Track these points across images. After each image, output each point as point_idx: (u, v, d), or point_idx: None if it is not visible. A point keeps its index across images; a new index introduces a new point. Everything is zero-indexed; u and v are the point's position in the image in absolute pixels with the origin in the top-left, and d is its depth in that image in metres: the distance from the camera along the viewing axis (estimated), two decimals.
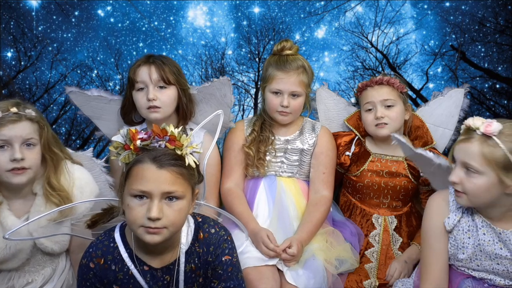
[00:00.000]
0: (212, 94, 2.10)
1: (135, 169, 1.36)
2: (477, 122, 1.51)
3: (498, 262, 1.59)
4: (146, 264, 1.46)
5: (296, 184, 2.14)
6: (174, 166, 1.35)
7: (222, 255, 1.50)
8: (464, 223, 1.61)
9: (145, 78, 2.00)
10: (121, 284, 1.46)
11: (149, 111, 2.01)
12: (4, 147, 1.61)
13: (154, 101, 1.99)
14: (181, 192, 1.37)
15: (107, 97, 2.17)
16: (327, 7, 8.07)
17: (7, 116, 1.60)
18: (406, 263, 2.03)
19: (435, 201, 1.68)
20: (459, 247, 1.62)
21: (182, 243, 1.47)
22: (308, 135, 2.14)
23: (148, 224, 1.33)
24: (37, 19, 7.69)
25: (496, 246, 1.58)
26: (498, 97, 8.11)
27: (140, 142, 1.37)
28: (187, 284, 1.49)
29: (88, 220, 1.57)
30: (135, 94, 2.04)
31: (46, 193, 1.69)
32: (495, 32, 7.83)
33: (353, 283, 2.00)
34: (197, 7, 8.62)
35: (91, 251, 1.46)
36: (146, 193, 1.34)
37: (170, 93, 2.03)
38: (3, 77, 7.45)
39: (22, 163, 1.62)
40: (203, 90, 2.10)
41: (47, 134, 1.70)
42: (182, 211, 1.38)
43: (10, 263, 1.71)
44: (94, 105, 2.18)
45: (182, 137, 1.40)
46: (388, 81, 2.12)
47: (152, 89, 1.99)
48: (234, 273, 1.51)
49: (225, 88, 2.08)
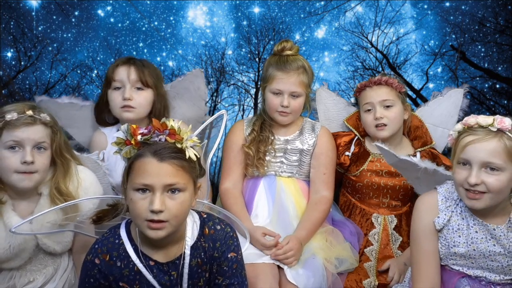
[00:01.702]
0: (186, 88, 2.08)
1: (136, 164, 1.38)
2: (487, 119, 1.49)
3: (492, 259, 1.59)
4: (152, 259, 1.47)
5: (296, 184, 2.14)
6: (174, 159, 1.37)
7: (228, 251, 1.51)
8: (454, 222, 1.61)
9: (123, 77, 2.01)
10: (127, 280, 1.47)
11: (122, 110, 2.01)
12: (15, 148, 1.62)
13: (129, 101, 1.99)
14: (183, 184, 1.39)
15: (78, 104, 2.16)
16: (327, 7, 8.07)
17: (22, 118, 1.61)
18: (405, 265, 2.03)
19: (423, 202, 1.67)
20: (450, 246, 1.61)
21: (187, 237, 1.49)
22: (308, 135, 2.15)
23: (151, 217, 1.35)
24: (37, 19, 7.69)
25: (489, 243, 1.58)
26: (498, 97, 8.11)
27: (141, 136, 1.39)
28: (192, 279, 1.50)
29: (94, 215, 1.58)
30: (111, 93, 2.04)
31: (52, 196, 1.70)
32: (495, 32, 7.83)
33: (352, 283, 2.00)
34: (197, 7, 8.62)
35: (96, 247, 1.48)
36: (148, 186, 1.36)
37: (147, 95, 2.04)
38: (3, 77, 7.46)
39: (31, 166, 1.62)
40: (177, 85, 2.09)
41: (60, 140, 1.72)
42: (184, 204, 1.40)
43: (13, 262, 1.71)
44: (66, 113, 2.16)
45: (182, 130, 1.42)
46: (387, 81, 2.12)
47: (128, 89, 2.00)
48: (238, 270, 1.53)
49: (198, 80, 2.05)
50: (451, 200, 1.63)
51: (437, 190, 1.66)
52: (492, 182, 1.48)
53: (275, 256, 1.86)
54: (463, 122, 1.56)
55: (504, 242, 1.56)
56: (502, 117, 1.49)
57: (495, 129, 1.48)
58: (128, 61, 2.05)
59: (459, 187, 1.55)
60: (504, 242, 1.57)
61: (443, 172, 1.69)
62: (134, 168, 1.39)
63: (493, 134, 1.48)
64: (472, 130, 1.52)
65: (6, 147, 1.61)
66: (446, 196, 1.64)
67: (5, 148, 1.61)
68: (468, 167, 1.52)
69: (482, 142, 1.49)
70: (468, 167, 1.51)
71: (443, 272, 1.67)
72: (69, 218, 1.69)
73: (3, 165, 1.61)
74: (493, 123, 1.48)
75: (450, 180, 1.66)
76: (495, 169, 1.47)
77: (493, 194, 1.49)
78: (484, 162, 1.48)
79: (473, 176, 1.49)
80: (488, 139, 1.48)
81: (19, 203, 1.71)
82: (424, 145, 2.21)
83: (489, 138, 1.48)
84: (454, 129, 1.58)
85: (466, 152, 1.51)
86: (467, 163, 1.52)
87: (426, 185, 1.73)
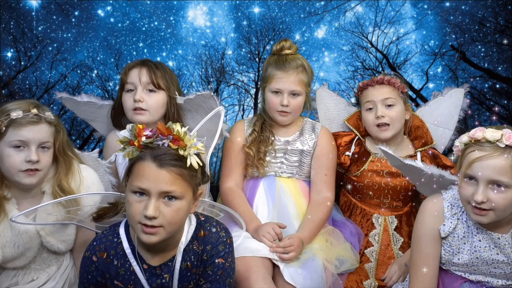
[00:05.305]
0: (199, 105, 2.05)
1: (136, 166, 1.38)
2: (495, 134, 1.44)
3: (495, 267, 1.58)
4: (146, 262, 1.47)
5: (296, 184, 2.13)
6: (174, 167, 1.36)
7: (216, 256, 1.49)
8: (460, 229, 1.59)
9: (134, 79, 1.99)
10: (122, 280, 1.47)
11: (134, 113, 1.99)
12: (20, 147, 1.63)
13: (140, 103, 1.97)
14: (180, 193, 1.37)
15: (97, 103, 2.15)
16: (327, 7, 8.06)
17: (28, 117, 1.63)
18: (406, 266, 2.02)
19: (428, 207, 1.64)
20: (454, 252, 1.60)
21: (181, 241, 1.48)
22: (308, 136, 2.14)
23: (144, 222, 1.34)
24: (37, 19, 7.68)
25: (492, 251, 1.56)
26: (498, 97, 8.10)
27: (145, 139, 1.38)
28: (182, 282, 1.49)
29: (94, 212, 1.58)
30: (124, 95, 2.03)
31: (55, 194, 1.72)
32: (495, 32, 7.82)
33: (353, 283, 2.00)
34: (197, 7, 8.61)
35: (95, 244, 1.48)
36: (145, 191, 1.35)
37: (159, 97, 2.01)
38: (3, 77, 7.45)
39: (36, 165, 1.64)
40: (190, 101, 2.05)
41: (63, 138, 1.73)
42: (180, 211, 1.38)
43: (18, 261, 1.73)
44: (86, 109, 2.17)
45: (186, 137, 1.40)
46: (389, 80, 2.12)
47: (140, 91, 1.98)
48: (223, 277, 1.50)
49: (209, 102, 2.01)
50: (456, 207, 1.60)
51: (443, 196, 1.63)
52: (498, 200, 1.44)
53: (274, 250, 1.83)
54: (470, 135, 1.50)
55: (508, 251, 1.55)
56: (510, 132, 1.44)
57: (503, 145, 1.43)
58: (141, 63, 2.02)
59: (465, 202, 1.52)
60: (508, 251, 1.55)
61: (449, 177, 1.65)
62: (133, 170, 1.38)
63: (501, 151, 1.43)
64: (479, 145, 1.47)
65: (11, 146, 1.63)
66: (452, 203, 1.61)
67: (10, 147, 1.63)
68: (474, 182, 1.48)
69: (489, 159, 1.44)
70: (475, 182, 1.47)
71: (445, 276, 1.66)
72: (71, 212, 1.71)
73: (8, 164, 1.63)
74: (501, 139, 1.43)
75: (455, 184, 1.63)
76: (502, 186, 1.43)
77: (499, 211, 1.46)
78: (491, 179, 1.44)
79: (479, 193, 1.45)
80: (496, 156, 1.43)
81: (23, 202, 1.73)
82: (424, 145, 2.20)
83: (496, 155, 1.43)
84: (461, 141, 1.54)
85: (473, 169, 1.46)
86: (474, 179, 1.48)
87: (430, 187, 1.71)
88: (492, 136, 1.44)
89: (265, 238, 1.85)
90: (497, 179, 1.43)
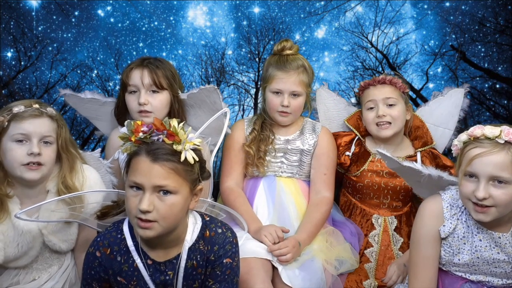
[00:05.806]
0: (203, 100, 2.06)
1: (133, 161, 1.40)
2: (494, 131, 1.44)
3: (496, 266, 1.58)
4: (150, 257, 1.48)
5: (296, 184, 2.13)
6: (167, 161, 1.37)
7: (224, 256, 1.51)
8: (459, 230, 1.59)
9: (137, 82, 1.99)
10: (126, 276, 1.47)
11: (140, 115, 1.99)
12: (23, 141, 1.64)
13: (145, 106, 1.97)
14: (173, 187, 1.37)
15: (100, 100, 2.16)
16: (327, 7, 8.06)
17: (29, 110, 1.64)
18: (405, 266, 2.02)
19: (427, 208, 1.63)
20: (454, 253, 1.60)
21: (186, 240, 1.48)
22: (309, 136, 2.14)
23: (139, 215, 1.36)
24: (37, 19, 7.68)
25: (493, 251, 1.56)
26: (498, 97, 8.10)
27: (142, 134, 1.40)
28: (187, 280, 1.50)
29: (98, 211, 1.59)
30: (128, 96, 2.03)
31: (60, 192, 1.72)
32: (495, 32, 7.82)
33: (353, 283, 2.00)
34: (197, 7, 8.61)
35: (98, 240, 1.49)
36: (139, 185, 1.37)
37: (162, 98, 2.01)
38: (3, 77, 7.45)
39: (38, 158, 1.64)
40: (193, 96, 2.06)
41: (65, 134, 1.74)
42: (174, 206, 1.38)
43: (20, 261, 1.74)
44: (89, 107, 2.18)
45: (180, 132, 1.41)
46: (391, 80, 2.13)
47: (143, 93, 1.98)
48: (231, 277, 1.52)
49: (213, 96, 2.03)
50: (456, 207, 1.60)
51: (442, 197, 1.62)
52: (500, 196, 1.44)
53: (270, 249, 1.83)
54: (468, 133, 1.50)
55: (509, 250, 1.55)
56: (509, 128, 1.45)
57: (503, 141, 1.43)
58: (141, 64, 2.01)
59: (466, 200, 1.52)
60: (508, 250, 1.55)
61: (447, 178, 1.65)
62: (130, 165, 1.41)
63: (501, 147, 1.43)
64: (478, 142, 1.47)
65: (14, 140, 1.63)
66: (451, 203, 1.61)
67: (12, 141, 1.64)
68: (475, 179, 1.48)
69: (489, 155, 1.44)
70: (475, 179, 1.47)
71: (446, 277, 1.66)
72: (75, 209, 1.71)
73: (10, 157, 1.64)
74: (500, 135, 1.44)
75: (453, 185, 1.63)
76: (503, 182, 1.44)
77: (501, 207, 1.46)
78: (492, 176, 1.44)
79: (480, 190, 1.45)
80: (496, 152, 1.43)
81: (27, 201, 1.72)
82: (424, 145, 2.21)
83: (496, 151, 1.43)
84: (459, 140, 1.54)
85: (473, 166, 1.47)
86: (474, 176, 1.48)
87: (428, 189, 1.71)
88: (491, 133, 1.45)
89: (266, 238, 1.85)
90: (498, 175, 1.43)
